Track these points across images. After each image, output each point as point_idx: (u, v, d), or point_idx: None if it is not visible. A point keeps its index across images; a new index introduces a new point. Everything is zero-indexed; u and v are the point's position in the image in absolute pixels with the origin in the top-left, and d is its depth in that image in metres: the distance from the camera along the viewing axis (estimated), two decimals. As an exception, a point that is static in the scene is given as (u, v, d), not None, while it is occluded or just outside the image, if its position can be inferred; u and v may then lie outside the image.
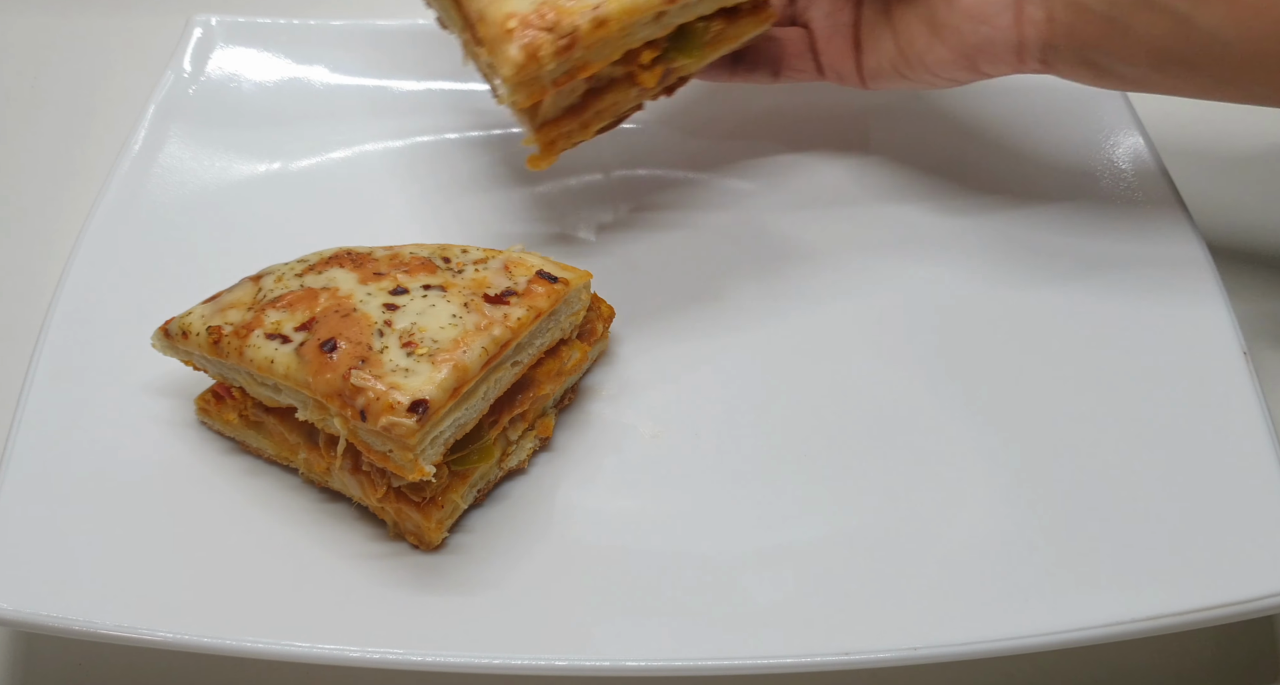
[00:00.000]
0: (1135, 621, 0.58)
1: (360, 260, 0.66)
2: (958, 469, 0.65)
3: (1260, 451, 0.63)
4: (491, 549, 0.63)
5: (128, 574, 0.61)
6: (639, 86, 0.66)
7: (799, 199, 0.80)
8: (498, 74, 0.62)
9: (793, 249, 0.77)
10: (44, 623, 0.58)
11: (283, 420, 0.65)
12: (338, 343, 0.60)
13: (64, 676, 0.63)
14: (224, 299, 0.66)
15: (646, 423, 0.68)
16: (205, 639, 0.57)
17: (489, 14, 0.61)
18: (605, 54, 0.62)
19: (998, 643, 0.57)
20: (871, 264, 0.76)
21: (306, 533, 0.64)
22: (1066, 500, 0.63)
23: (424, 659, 0.57)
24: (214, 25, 0.88)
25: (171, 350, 0.66)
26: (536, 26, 0.60)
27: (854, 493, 0.65)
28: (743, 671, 0.58)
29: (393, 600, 0.61)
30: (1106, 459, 0.65)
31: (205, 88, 0.85)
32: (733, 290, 0.75)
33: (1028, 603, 0.59)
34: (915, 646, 0.57)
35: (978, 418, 0.68)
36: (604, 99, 0.66)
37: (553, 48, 0.60)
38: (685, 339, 0.72)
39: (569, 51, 0.60)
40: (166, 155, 0.81)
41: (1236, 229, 0.78)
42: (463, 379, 0.60)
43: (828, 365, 0.71)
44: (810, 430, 0.68)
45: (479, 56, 0.67)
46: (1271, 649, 0.63)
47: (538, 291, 0.64)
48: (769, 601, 0.60)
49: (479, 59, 0.66)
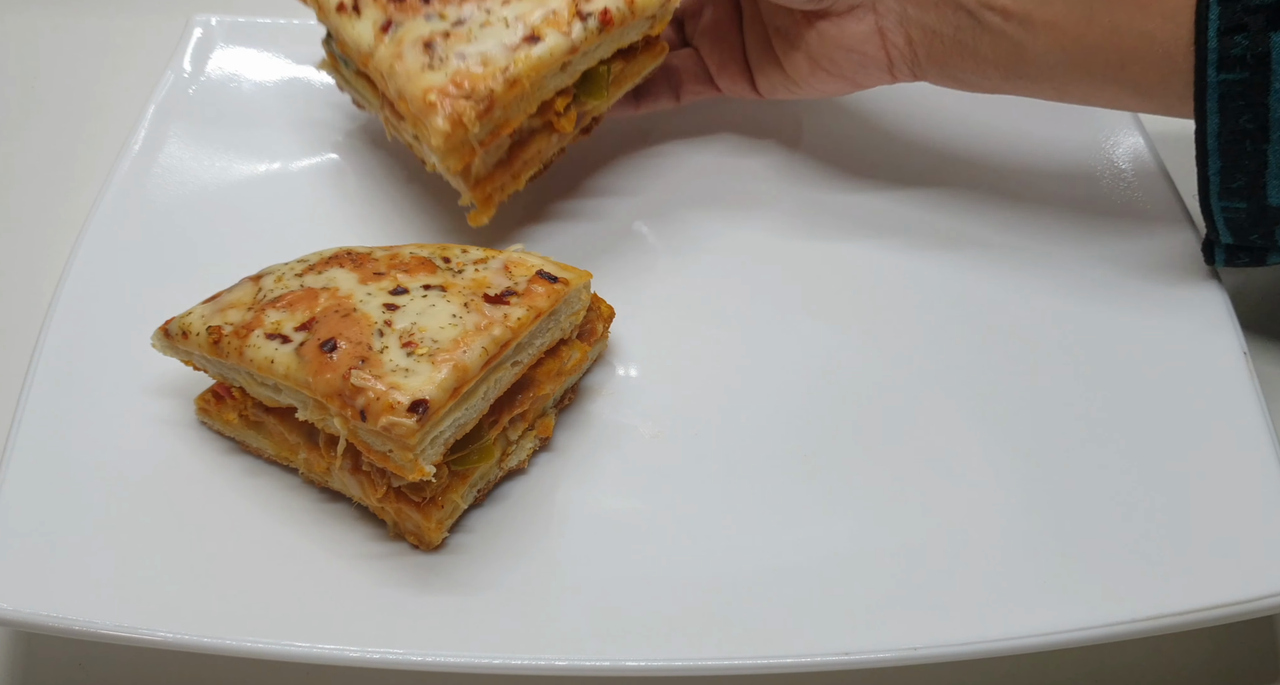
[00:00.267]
0: (1135, 621, 0.58)
1: (360, 260, 0.66)
2: (957, 469, 0.65)
3: (1260, 451, 0.63)
4: (491, 549, 0.63)
5: (128, 574, 0.61)
6: (558, 133, 0.71)
7: (800, 199, 0.80)
8: (427, 143, 0.66)
9: (793, 249, 0.77)
10: (44, 623, 0.58)
11: (283, 420, 0.65)
12: (338, 343, 0.60)
13: (64, 676, 0.63)
14: (224, 299, 0.66)
15: (646, 423, 0.68)
16: (205, 639, 0.57)
17: (408, 91, 0.66)
18: (523, 109, 0.67)
19: (998, 643, 0.57)
20: (871, 264, 0.76)
21: (306, 533, 0.64)
22: (1067, 500, 0.63)
23: (424, 659, 0.57)
24: (214, 25, 0.88)
25: (171, 350, 0.66)
26: (455, 95, 0.64)
27: (854, 493, 0.65)
28: (743, 671, 0.58)
29: (393, 600, 0.61)
30: (1106, 459, 0.65)
31: (205, 88, 0.85)
32: (733, 290, 0.75)
33: (1028, 603, 0.59)
34: (915, 646, 0.57)
35: (977, 418, 0.68)
36: (529, 149, 0.71)
37: (474, 112, 0.64)
38: (685, 339, 0.72)
39: (489, 113, 0.65)
40: (166, 155, 0.81)
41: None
42: (463, 379, 0.60)
43: (828, 365, 0.71)
44: (810, 430, 0.68)
45: (401, 131, 0.71)
46: (1271, 649, 0.63)
47: (538, 291, 0.64)
48: (769, 601, 0.60)
49: (402, 133, 0.71)
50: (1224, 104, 0.62)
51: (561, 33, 0.67)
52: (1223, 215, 0.66)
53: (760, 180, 0.81)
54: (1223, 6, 0.60)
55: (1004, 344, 0.71)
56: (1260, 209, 0.64)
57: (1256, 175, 0.63)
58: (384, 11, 0.69)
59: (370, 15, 0.69)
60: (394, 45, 0.68)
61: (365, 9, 0.70)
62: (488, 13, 0.68)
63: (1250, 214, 0.65)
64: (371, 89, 0.74)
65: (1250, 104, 0.61)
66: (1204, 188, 0.65)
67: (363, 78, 0.74)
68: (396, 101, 0.67)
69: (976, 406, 0.68)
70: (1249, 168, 0.63)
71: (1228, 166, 0.63)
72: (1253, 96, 0.61)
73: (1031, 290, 0.73)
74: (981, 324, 0.72)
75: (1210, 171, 0.64)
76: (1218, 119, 0.62)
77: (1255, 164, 0.63)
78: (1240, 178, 0.64)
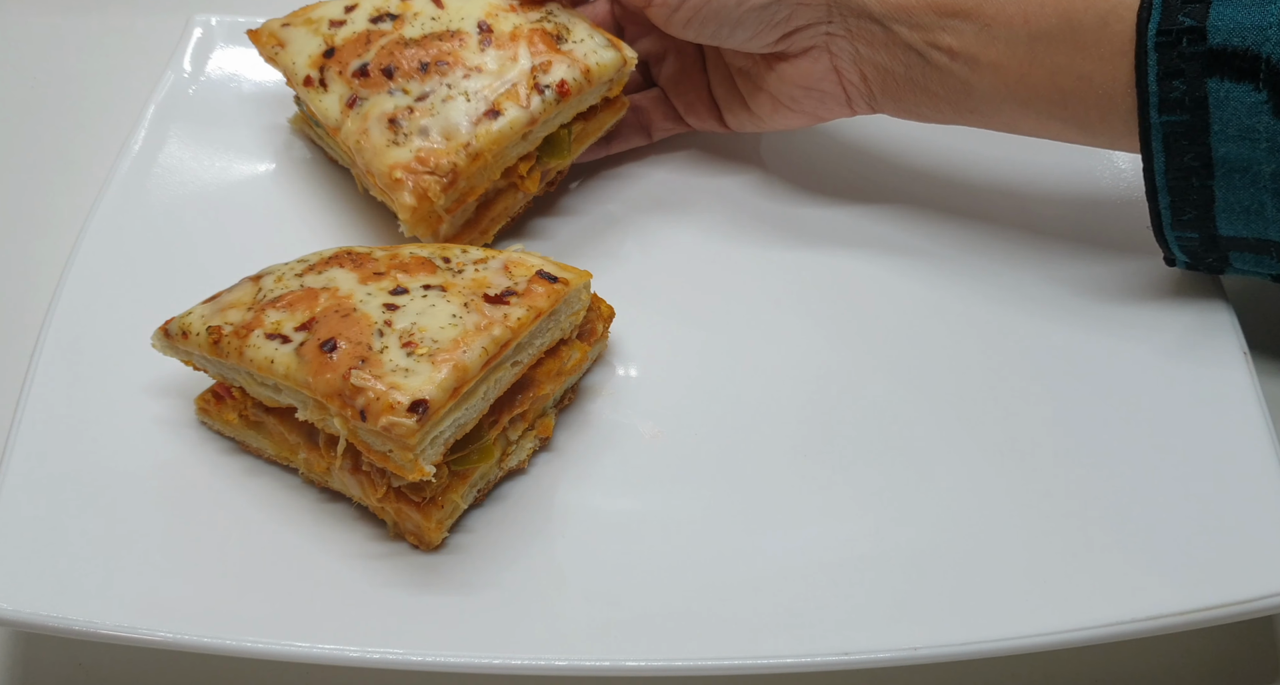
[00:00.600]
0: (1135, 621, 0.58)
1: (360, 260, 0.66)
2: (957, 469, 0.65)
3: (1260, 451, 0.63)
4: (491, 549, 0.63)
5: (128, 574, 0.61)
6: (523, 191, 0.74)
7: (800, 201, 0.80)
8: (396, 214, 0.70)
9: (794, 250, 0.77)
10: (44, 623, 0.58)
11: (283, 420, 0.65)
12: (338, 343, 0.60)
13: (64, 676, 0.63)
14: (224, 299, 0.66)
15: (646, 423, 0.68)
16: (205, 639, 0.57)
17: (375, 167, 0.69)
18: (486, 177, 0.71)
19: (998, 643, 0.57)
20: (872, 265, 0.76)
21: (306, 533, 0.64)
22: (1066, 500, 0.63)
23: (424, 659, 0.57)
24: (214, 25, 0.88)
25: (171, 350, 0.66)
26: (420, 171, 0.68)
27: (854, 493, 0.65)
28: (743, 671, 0.58)
29: (393, 600, 0.61)
30: (1106, 459, 0.65)
31: (205, 88, 0.85)
32: (733, 291, 0.75)
33: (1028, 603, 0.59)
34: (915, 646, 0.57)
35: (976, 417, 0.68)
36: (495, 208, 0.74)
37: (439, 186, 0.68)
38: (685, 339, 0.72)
39: (453, 186, 0.69)
40: (166, 155, 0.81)
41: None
42: (463, 379, 0.60)
43: (828, 365, 0.71)
44: (810, 431, 0.68)
45: (373, 189, 0.74)
46: (1271, 649, 0.63)
47: (538, 291, 0.64)
48: (769, 601, 0.60)
49: (374, 191, 0.73)
50: (1168, 143, 0.63)
51: (520, 106, 0.70)
52: (1177, 243, 0.67)
53: (760, 181, 0.81)
54: (1160, 53, 0.62)
55: (1004, 345, 0.71)
56: (1211, 239, 0.66)
57: (1205, 209, 0.65)
58: (349, 87, 0.72)
59: (336, 90, 0.72)
60: (359, 120, 0.71)
61: (331, 84, 0.72)
62: (449, 87, 0.71)
63: (1203, 243, 0.66)
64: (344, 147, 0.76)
65: (1194, 143, 0.63)
66: (1156, 220, 0.67)
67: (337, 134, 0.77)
68: (366, 175, 0.71)
69: (975, 406, 0.68)
70: (1197, 202, 0.65)
71: (1177, 201, 0.65)
72: (1195, 137, 0.62)
73: (1031, 290, 0.73)
74: (982, 325, 0.72)
75: (1161, 206, 0.66)
76: (1164, 157, 0.64)
77: (1203, 199, 0.64)
78: (1190, 211, 0.65)
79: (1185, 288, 0.72)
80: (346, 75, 0.72)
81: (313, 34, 0.75)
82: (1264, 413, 0.65)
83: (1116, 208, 0.77)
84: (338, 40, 0.74)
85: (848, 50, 0.72)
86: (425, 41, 0.73)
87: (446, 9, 0.74)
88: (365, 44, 0.73)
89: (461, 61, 0.72)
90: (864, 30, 0.70)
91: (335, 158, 0.79)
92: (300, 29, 0.75)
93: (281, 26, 0.76)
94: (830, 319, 0.73)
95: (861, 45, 0.71)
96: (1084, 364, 0.69)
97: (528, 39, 0.73)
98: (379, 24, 0.74)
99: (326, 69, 0.73)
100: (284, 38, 0.75)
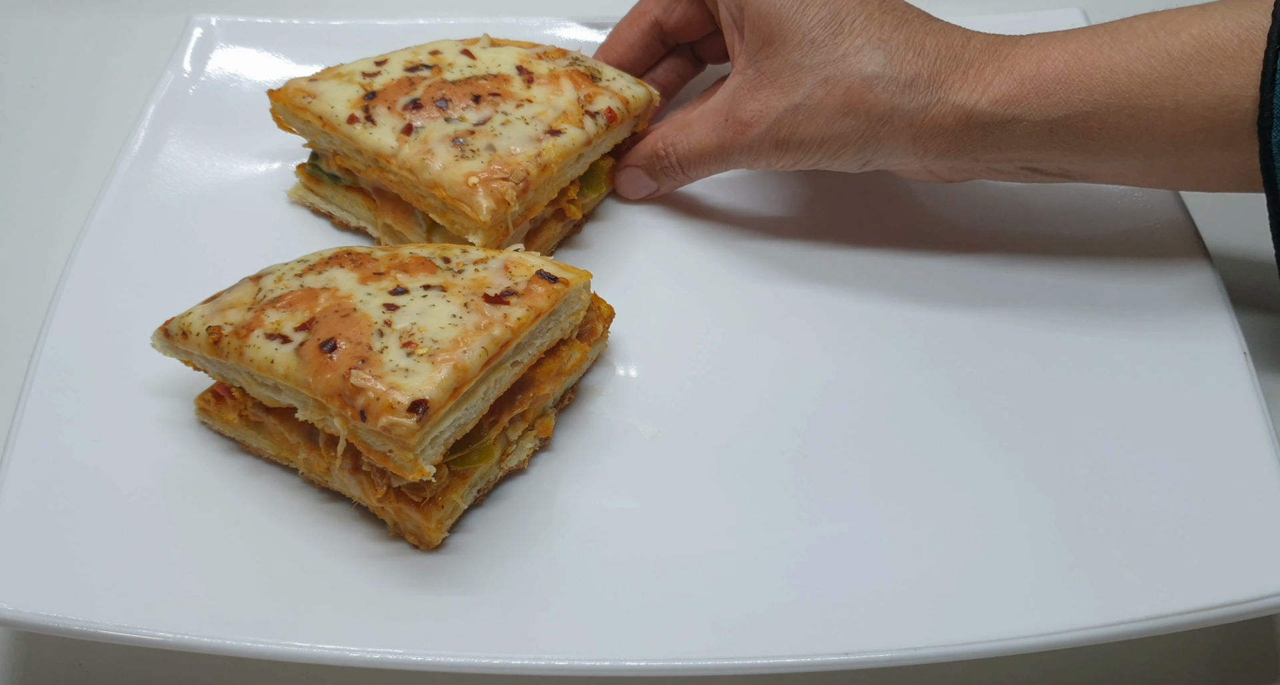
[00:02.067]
0: (1135, 621, 0.58)
1: (360, 260, 0.66)
2: (957, 469, 0.65)
3: (1260, 451, 0.63)
4: (491, 549, 0.63)
5: (128, 574, 0.61)
6: (565, 220, 0.77)
7: (801, 201, 0.80)
8: (468, 226, 0.71)
9: (794, 250, 0.77)
10: (44, 623, 0.58)
11: (283, 420, 0.65)
12: (338, 343, 0.60)
13: (64, 676, 0.63)
14: (224, 299, 0.66)
15: (646, 423, 0.68)
16: (205, 639, 0.57)
17: (445, 178, 0.71)
18: (548, 193, 0.74)
19: (998, 643, 0.57)
20: (873, 265, 0.76)
21: (306, 533, 0.64)
22: (1066, 500, 0.63)
23: (424, 659, 0.57)
24: (214, 25, 0.88)
25: (171, 350, 0.66)
26: (496, 178, 0.71)
27: (854, 493, 0.65)
28: (743, 671, 0.58)
29: (393, 600, 0.61)
30: (1107, 459, 0.65)
31: (205, 88, 0.85)
32: (733, 290, 0.75)
33: (1028, 603, 0.59)
34: (915, 646, 0.57)
35: (977, 418, 0.68)
36: (540, 237, 0.76)
37: (514, 191, 0.70)
38: (685, 339, 0.72)
39: (526, 193, 0.71)
40: (166, 155, 0.81)
41: (1237, 229, 0.78)
42: (463, 379, 0.60)
43: (828, 365, 0.71)
44: (810, 430, 0.68)
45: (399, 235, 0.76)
46: (1271, 649, 0.63)
47: (538, 291, 0.64)
48: (769, 601, 0.60)
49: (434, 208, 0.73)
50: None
51: (577, 127, 0.74)
52: None
53: (760, 182, 0.81)
54: None
55: (1003, 344, 0.71)
56: None
57: None
58: (402, 118, 0.73)
59: (388, 123, 0.73)
60: (419, 144, 0.72)
61: (381, 119, 0.74)
62: (505, 114, 0.74)
63: None
64: (365, 201, 0.77)
65: None
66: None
67: (355, 192, 0.77)
68: (431, 189, 0.71)
69: (976, 407, 0.68)
70: None
71: None
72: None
73: (1031, 291, 0.73)
74: (982, 326, 0.72)
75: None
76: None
77: None
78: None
79: (1186, 289, 0.72)
80: (397, 109, 0.74)
81: (346, 84, 0.75)
82: (1264, 413, 0.65)
83: (1115, 211, 0.77)
84: (376, 86, 0.75)
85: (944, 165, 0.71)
86: (470, 82, 0.75)
87: (479, 59, 0.77)
88: (409, 86, 0.75)
89: (512, 95, 0.75)
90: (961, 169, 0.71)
91: (345, 220, 0.79)
92: (331, 81, 0.76)
93: (309, 81, 0.76)
94: (831, 319, 0.73)
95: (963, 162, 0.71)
96: (1083, 365, 0.69)
97: (567, 76, 0.77)
98: (416, 72, 0.76)
99: (372, 108, 0.74)
100: (314, 90, 0.75)
